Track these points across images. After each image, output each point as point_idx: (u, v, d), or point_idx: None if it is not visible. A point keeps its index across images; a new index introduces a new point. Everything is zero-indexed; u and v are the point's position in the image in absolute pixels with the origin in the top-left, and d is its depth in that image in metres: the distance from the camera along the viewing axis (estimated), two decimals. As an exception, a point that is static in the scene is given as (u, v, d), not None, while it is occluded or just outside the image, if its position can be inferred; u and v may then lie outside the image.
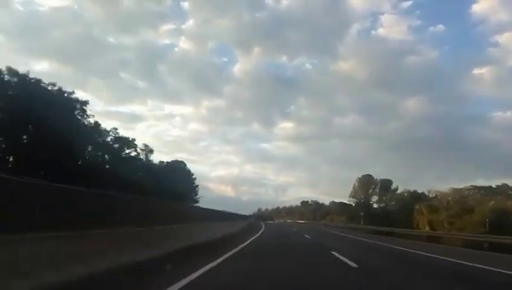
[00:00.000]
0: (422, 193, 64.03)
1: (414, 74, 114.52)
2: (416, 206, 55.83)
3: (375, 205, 77.09)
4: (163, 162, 51.20)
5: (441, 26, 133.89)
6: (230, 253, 10.49)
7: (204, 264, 7.43)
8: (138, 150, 44.16)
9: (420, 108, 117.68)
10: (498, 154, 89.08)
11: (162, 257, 7.86)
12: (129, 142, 41.65)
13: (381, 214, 68.24)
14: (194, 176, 75.30)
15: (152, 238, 8.98)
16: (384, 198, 75.33)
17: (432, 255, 12.48)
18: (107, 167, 37.29)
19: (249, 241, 16.39)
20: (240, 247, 12.83)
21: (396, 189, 74.56)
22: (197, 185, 76.18)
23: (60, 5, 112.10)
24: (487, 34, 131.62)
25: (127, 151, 41.56)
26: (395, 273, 7.94)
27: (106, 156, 38.49)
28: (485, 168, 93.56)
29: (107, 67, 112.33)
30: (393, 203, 72.07)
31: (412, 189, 66.83)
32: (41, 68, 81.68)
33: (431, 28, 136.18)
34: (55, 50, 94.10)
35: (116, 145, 39.91)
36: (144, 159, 46.52)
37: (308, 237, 22.93)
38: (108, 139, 39.20)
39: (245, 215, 60.87)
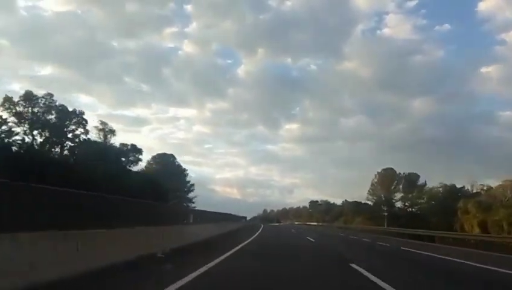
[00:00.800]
0: (463, 188, 51.52)
1: (420, 74, 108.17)
2: (460, 204, 43.68)
3: (398, 204, 64.89)
4: (126, 145, 39.10)
5: (446, 25, 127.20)
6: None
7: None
8: (89, 128, 32.25)
9: (426, 108, 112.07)
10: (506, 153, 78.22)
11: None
12: (74, 115, 30.06)
13: (408, 214, 56.44)
14: (186, 172, 64.66)
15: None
16: (410, 195, 62.83)
17: None
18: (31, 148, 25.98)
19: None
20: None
21: (424, 184, 62.19)
22: (193, 184, 65.72)
23: (64, 9, 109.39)
24: (494, 32, 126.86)
25: (72, 127, 30.05)
26: None
27: (36, 132, 27.18)
28: (493, 167, 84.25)
29: (111, 71, 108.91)
30: (422, 200, 59.55)
31: (449, 183, 54.04)
32: (45, 73, 75.46)
33: (437, 27, 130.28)
34: (59, 54, 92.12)
35: (51, 118, 28.36)
36: (102, 141, 34.89)
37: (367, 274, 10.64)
38: (36, 110, 27.43)
39: (237, 215, 48.98)
